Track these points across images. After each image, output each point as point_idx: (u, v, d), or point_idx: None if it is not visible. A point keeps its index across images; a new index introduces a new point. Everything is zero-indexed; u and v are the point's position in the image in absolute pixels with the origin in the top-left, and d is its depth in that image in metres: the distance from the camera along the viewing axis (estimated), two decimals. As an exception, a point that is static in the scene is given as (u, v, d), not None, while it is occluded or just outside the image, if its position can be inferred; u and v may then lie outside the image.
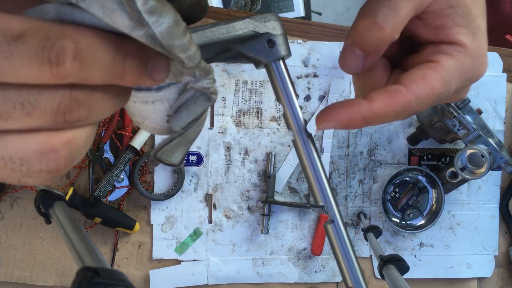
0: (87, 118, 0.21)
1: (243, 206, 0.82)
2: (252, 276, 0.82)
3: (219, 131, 0.80)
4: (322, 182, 0.31)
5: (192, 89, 0.26)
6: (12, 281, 0.78)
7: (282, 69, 0.31)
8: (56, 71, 0.19)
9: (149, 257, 0.80)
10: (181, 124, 0.27)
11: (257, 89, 0.81)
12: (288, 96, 0.31)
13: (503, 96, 0.84)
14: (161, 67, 0.23)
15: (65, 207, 0.55)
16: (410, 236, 0.84)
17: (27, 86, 0.19)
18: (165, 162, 0.30)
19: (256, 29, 0.30)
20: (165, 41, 0.21)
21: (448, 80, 0.32)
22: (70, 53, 0.19)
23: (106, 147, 0.77)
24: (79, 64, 0.19)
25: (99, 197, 0.75)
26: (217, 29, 0.29)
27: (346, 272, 0.30)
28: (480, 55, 0.33)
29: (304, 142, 0.31)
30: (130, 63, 0.21)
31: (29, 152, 0.20)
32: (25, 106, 0.19)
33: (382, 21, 0.31)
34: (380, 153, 0.83)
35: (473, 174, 0.73)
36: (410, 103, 0.31)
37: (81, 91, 0.20)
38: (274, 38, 0.30)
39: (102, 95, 0.22)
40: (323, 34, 0.82)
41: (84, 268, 0.31)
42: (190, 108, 0.27)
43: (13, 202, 0.78)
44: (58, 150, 0.21)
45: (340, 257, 0.30)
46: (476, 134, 0.72)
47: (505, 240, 0.87)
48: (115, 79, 0.21)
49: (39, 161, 0.20)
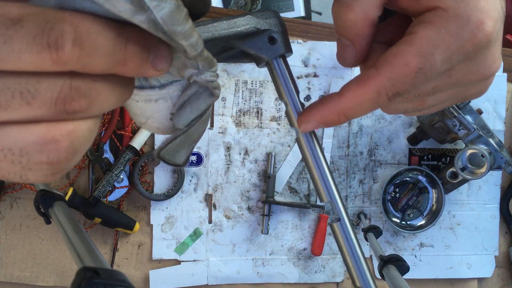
0: (88, 110, 0.21)
1: (243, 206, 0.81)
2: (252, 276, 0.82)
3: (219, 131, 0.80)
4: (327, 179, 0.30)
5: (195, 85, 0.26)
6: (12, 281, 0.78)
7: (284, 66, 0.31)
8: (55, 56, 0.18)
9: (149, 257, 0.80)
10: (184, 121, 0.27)
11: (257, 89, 0.81)
12: (290, 93, 0.31)
13: (503, 96, 0.84)
14: (164, 55, 0.22)
15: (65, 207, 0.55)
16: (410, 236, 0.84)
17: (27, 74, 0.19)
18: (169, 162, 0.29)
19: (258, 26, 0.30)
20: (167, 26, 0.20)
21: (427, 52, 0.27)
22: (69, 37, 0.18)
23: (106, 147, 0.77)
24: (79, 49, 0.19)
25: (99, 197, 0.75)
26: (219, 24, 0.28)
27: (354, 272, 0.29)
28: (470, 13, 0.27)
29: (308, 139, 0.31)
30: (131, 50, 0.21)
31: (29, 143, 0.20)
32: (24, 95, 0.19)
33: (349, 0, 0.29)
34: (380, 153, 0.83)
35: (474, 174, 0.73)
36: (383, 86, 0.28)
37: (82, 80, 0.20)
38: (275, 35, 0.30)
39: (103, 85, 0.21)
40: (323, 34, 0.81)
41: (84, 268, 0.31)
42: (194, 105, 0.27)
43: (13, 202, 0.78)
44: (58, 141, 0.20)
45: (348, 256, 0.30)
46: (476, 134, 0.72)
47: (505, 240, 0.87)
48: (117, 66, 0.21)
49: (40, 152, 0.20)
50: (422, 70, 0.27)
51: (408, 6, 0.29)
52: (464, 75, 0.29)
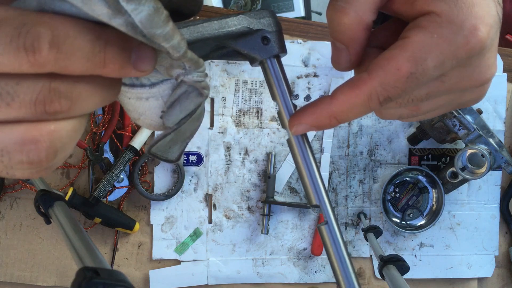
0: (70, 110, 0.21)
1: (243, 206, 0.81)
2: (252, 276, 0.82)
3: (219, 131, 0.80)
4: (317, 182, 0.30)
5: (184, 85, 0.26)
6: (12, 281, 0.78)
7: (277, 67, 0.31)
8: (32, 59, 0.18)
9: (149, 257, 0.80)
10: (173, 120, 0.27)
11: (257, 89, 0.81)
12: (282, 94, 0.31)
13: (503, 96, 0.84)
14: (146, 57, 0.22)
15: (65, 207, 0.55)
16: (410, 236, 0.84)
17: (5, 75, 0.19)
18: (161, 158, 0.29)
19: (250, 26, 0.29)
20: (146, 29, 0.20)
21: (420, 57, 0.27)
22: (46, 40, 0.19)
23: (106, 147, 0.77)
24: (56, 52, 0.19)
25: (99, 197, 0.75)
26: (209, 24, 0.28)
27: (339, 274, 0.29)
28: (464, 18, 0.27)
29: (299, 142, 0.31)
30: (111, 52, 0.21)
31: (10, 143, 0.20)
32: (3, 97, 0.19)
33: (343, 4, 0.28)
34: (380, 153, 0.83)
35: (474, 174, 0.73)
36: (375, 90, 0.27)
37: (62, 82, 0.20)
38: (268, 35, 0.30)
39: (85, 87, 0.21)
40: (323, 34, 0.81)
41: (83, 268, 0.31)
42: (183, 104, 0.27)
43: (12, 202, 0.78)
44: (38, 141, 0.20)
45: (334, 259, 0.30)
46: (476, 134, 0.72)
47: (505, 240, 0.87)
48: (97, 68, 0.21)
49: (19, 152, 0.20)
50: (414, 75, 0.27)
51: (403, 10, 0.29)
52: (457, 81, 0.29)
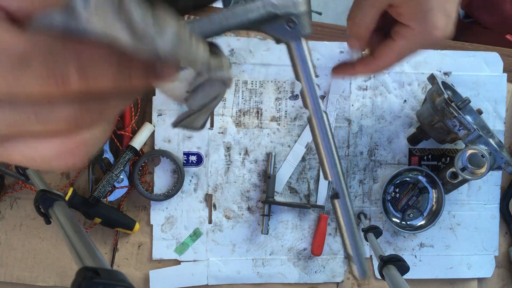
0: (100, 119, 0.22)
1: (243, 206, 0.81)
2: (252, 276, 0.82)
3: (219, 131, 0.80)
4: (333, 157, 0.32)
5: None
6: (12, 281, 0.78)
7: (303, 48, 0.30)
8: (62, 88, 0.20)
9: (149, 258, 0.80)
10: (197, 104, 0.28)
11: (257, 89, 0.81)
12: (307, 75, 0.31)
13: (503, 96, 0.84)
14: (170, 67, 0.23)
15: (65, 207, 0.55)
16: (410, 237, 0.84)
17: (39, 101, 0.20)
18: (187, 129, 0.31)
19: (276, 10, 0.29)
20: (171, 56, 0.20)
21: (402, 53, 0.51)
22: (74, 69, 0.20)
23: (106, 147, 0.77)
24: (84, 78, 0.20)
25: (99, 197, 0.75)
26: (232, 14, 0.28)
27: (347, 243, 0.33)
28: (428, 31, 0.48)
29: (319, 118, 0.31)
30: (136, 69, 0.22)
31: (48, 155, 0.22)
32: (39, 118, 0.20)
33: (358, 20, 0.50)
34: (380, 153, 0.83)
35: (474, 175, 0.73)
36: (378, 68, 0.53)
37: (92, 98, 0.21)
38: (294, 18, 0.29)
39: (113, 98, 0.22)
40: (323, 34, 0.81)
41: (83, 268, 0.31)
42: (206, 90, 0.27)
43: (12, 202, 0.78)
44: (74, 152, 0.22)
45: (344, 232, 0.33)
46: (476, 134, 0.71)
47: (505, 240, 0.87)
48: (123, 84, 0.22)
49: (57, 161, 0.22)
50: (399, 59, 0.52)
51: (396, 16, 0.50)
52: None
